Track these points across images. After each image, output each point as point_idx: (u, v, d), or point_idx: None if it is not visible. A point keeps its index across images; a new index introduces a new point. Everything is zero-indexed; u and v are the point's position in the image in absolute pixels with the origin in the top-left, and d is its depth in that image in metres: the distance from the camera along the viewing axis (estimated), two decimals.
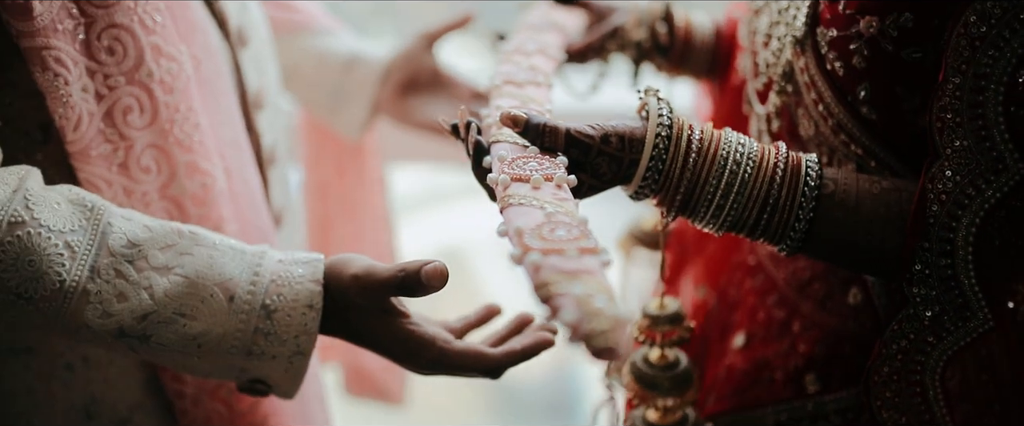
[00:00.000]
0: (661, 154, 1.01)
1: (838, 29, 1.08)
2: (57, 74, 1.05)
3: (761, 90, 1.25)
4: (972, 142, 0.96)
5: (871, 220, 1.03)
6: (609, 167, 1.01)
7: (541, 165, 0.97)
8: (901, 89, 1.05)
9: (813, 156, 1.04)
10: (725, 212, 1.03)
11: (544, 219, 0.88)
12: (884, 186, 1.05)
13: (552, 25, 1.49)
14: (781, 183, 1.02)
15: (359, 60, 1.68)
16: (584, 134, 1.01)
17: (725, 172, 1.01)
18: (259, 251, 1.06)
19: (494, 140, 1.03)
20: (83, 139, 1.09)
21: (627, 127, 1.02)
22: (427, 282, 0.99)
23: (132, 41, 1.09)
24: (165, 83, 1.12)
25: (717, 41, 1.55)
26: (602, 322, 0.74)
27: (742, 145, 1.03)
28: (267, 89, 1.37)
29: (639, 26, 1.53)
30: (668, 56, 1.55)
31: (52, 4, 1.03)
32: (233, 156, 1.24)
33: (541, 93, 1.18)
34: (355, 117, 1.69)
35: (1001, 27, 0.94)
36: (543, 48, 1.36)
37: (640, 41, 1.54)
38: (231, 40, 1.27)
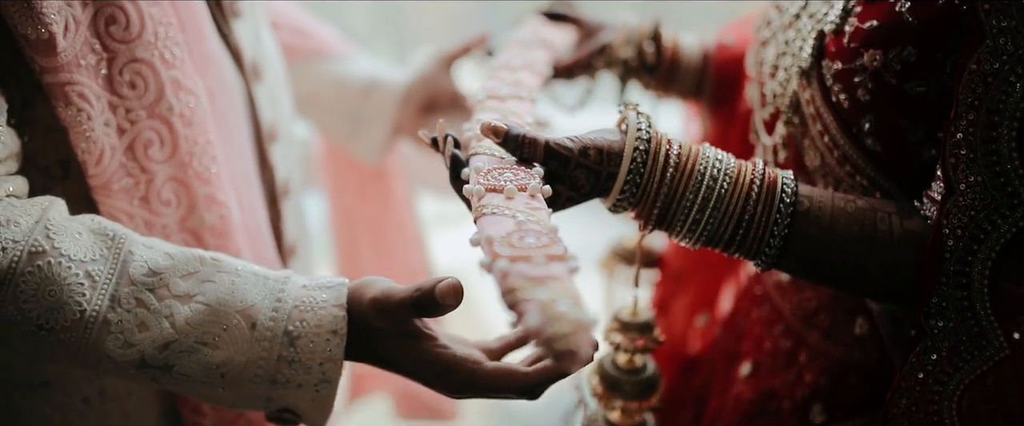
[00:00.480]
0: (639, 168, 1.02)
1: (843, 62, 1.09)
2: (80, 109, 1.06)
3: (768, 120, 1.26)
4: (986, 177, 0.97)
5: (846, 238, 1.04)
6: (587, 179, 1.02)
7: (516, 176, 0.98)
8: (905, 122, 1.07)
9: (789, 173, 1.06)
10: (701, 226, 1.04)
11: (515, 227, 0.89)
12: (859, 205, 1.06)
13: (541, 42, 1.51)
14: (757, 199, 1.03)
15: (378, 84, 1.71)
16: (563, 146, 1.02)
17: (702, 187, 1.02)
18: (283, 277, 1.04)
19: (473, 152, 1.04)
20: (105, 173, 1.10)
21: (606, 140, 1.03)
22: (442, 300, 0.97)
23: (153, 76, 1.10)
24: (185, 117, 1.13)
25: (704, 63, 1.57)
26: (564, 326, 0.75)
27: (719, 161, 1.04)
28: (281, 122, 1.38)
29: (627, 44, 1.56)
30: (654, 75, 1.57)
31: (75, 40, 1.04)
32: (244, 189, 1.25)
33: (523, 107, 1.20)
34: (374, 141, 1.71)
35: (1013, 63, 0.95)
36: (530, 64, 1.38)
37: (627, 59, 1.56)
38: (246, 73, 1.28)
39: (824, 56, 1.13)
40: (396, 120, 1.70)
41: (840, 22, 1.11)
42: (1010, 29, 0.96)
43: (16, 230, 0.99)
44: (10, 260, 0.97)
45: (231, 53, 1.26)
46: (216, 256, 1.04)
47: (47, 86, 1.05)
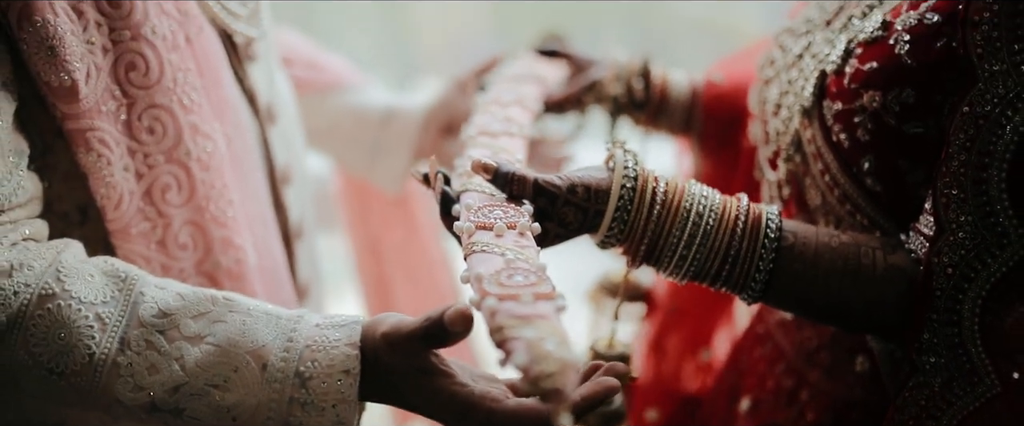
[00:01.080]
0: (626, 205, 1.04)
1: (843, 102, 1.12)
2: (100, 155, 1.08)
3: (771, 157, 1.29)
4: (977, 217, 0.99)
5: (829, 273, 1.06)
6: (575, 216, 1.05)
7: (506, 213, 1.00)
8: (904, 162, 1.09)
9: (773, 208, 1.08)
10: (688, 262, 1.06)
11: (503, 265, 0.90)
12: (843, 240, 1.08)
13: (532, 77, 1.54)
14: (742, 235, 1.05)
15: (396, 113, 1.74)
16: (551, 184, 1.04)
17: (688, 223, 1.05)
18: (296, 316, 1.02)
19: (463, 189, 1.06)
20: (124, 217, 1.11)
21: (593, 178, 1.05)
22: (451, 328, 0.92)
23: (172, 121, 1.12)
24: (202, 161, 1.15)
25: (692, 100, 1.60)
26: (551, 365, 0.76)
27: (705, 197, 1.06)
28: (294, 164, 1.40)
29: (616, 81, 1.59)
30: (644, 111, 1.60)
31: (97, 86, 1.06)
32: (261, 232, 1.26)
33: (514, 143, 1.22)
34: (395, 168, 1.74)
35: (1004, 107, 0.98)
36: (520, 99, 1.40)
37: (616, 96, 1.59)
38: (260, 117, 1.30)
39: (825, 96, 1.15)
40: (418, 145, 1.74)
41: (841, 63, 1.14)
42: (1001, 73, 0.98)
43: (29, 274, 0.99)
44: (20, 303, 0.97)
45: (246, 96, 1.28)
46: (229, 295, 1.03)
47: (68, 132, 1.07)
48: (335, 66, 1.82)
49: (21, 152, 1.04)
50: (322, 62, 1.80)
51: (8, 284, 0.98)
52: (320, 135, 1.76)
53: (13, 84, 1.03)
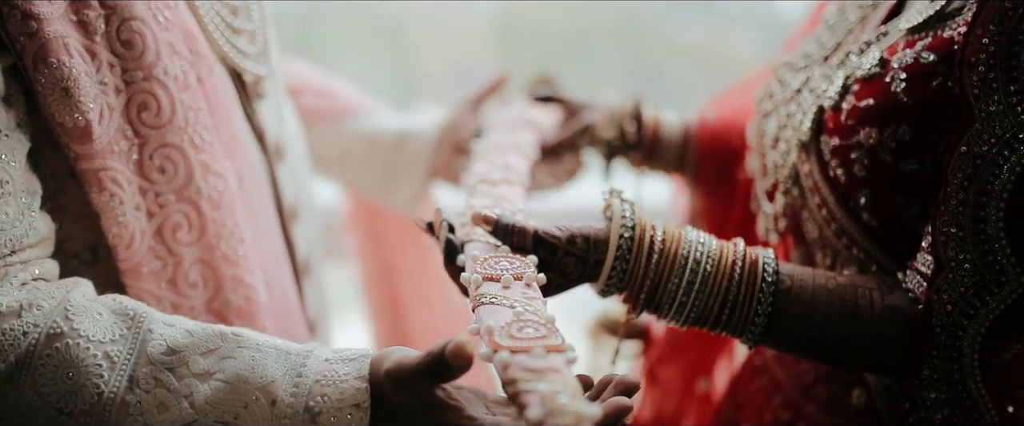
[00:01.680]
0: (625, 254, 1.07)
1: (840, 138, 1.14)
2: (113, 194, 1.08)
3: (769, 190, 1.30)
4: (975, 256, 1.01)
5: (827, 314, 1.08)
6: (575, 267, 1.07)
7: (512, 264, 1.01)
8: (900, 198, 1.11)
9: (770, 252, 1.10)
10: (688, 308, 1.08)
11: (513, 318, 0.91)
12: (840, 281, 1.10)
13: (527, 122, 1.58)
14: (740, 280, 1.07)
15: (409, 135, 1.78)
16: (551, 235, 1.06)
17: (686, 270, 1.07)
18: (305, 350, 1.01)
19: (467, 239, 1.08)
20: (135, 257, 1.12)
21: (592, 229, 1.08)
22: (453, 362, 0.90)
23: (183, 160, 1.13)
24: (213, 199, 1.16)
25: (684, 140, 1.63)
26: (566, 418, 0.77)
27: (701, 244, 1.08)
28: (302, 200, 1.41)
29: (609, 125, 1.62)
30: (637, 152, 1.64)
31: (109, 126, 1.07)
32: (272, 269, 1.27)
33: (513, 191, 1.25)
34: (410, 190, 1.77)
35: (1001, 147, 1.00)
36: (518, 145, 1.44)
37: (610, 139, 1.62)
38: (269, 154, 1.31)
39: (823, 131, 1.17)
40: (431, 165, 1.77)
41: (838, 99, 1.15)
42: (998, 114, 1.00)
43: (38, 314, 0.99)
44: (29, 343, 0.97)
45: (255, 134, 1.29)
46: (238, 331, 1.03)
47: (81, 172, 1.08)
48: (345, 93, 1.85)
49: (34, 193, 1.05)
50: (332, 90, 1.83)
51: (17, 324, 0.98)
52: (334, 162, 1.79)
53: (27, 125, 1.04)
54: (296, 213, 1.38)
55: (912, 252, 1.12)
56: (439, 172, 1.78)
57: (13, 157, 1.01)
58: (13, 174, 1.01)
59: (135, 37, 1.07)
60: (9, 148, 1.01)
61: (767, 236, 1.33)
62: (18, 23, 0.99)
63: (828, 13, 1.34)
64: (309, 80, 1.81)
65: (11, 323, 0.98)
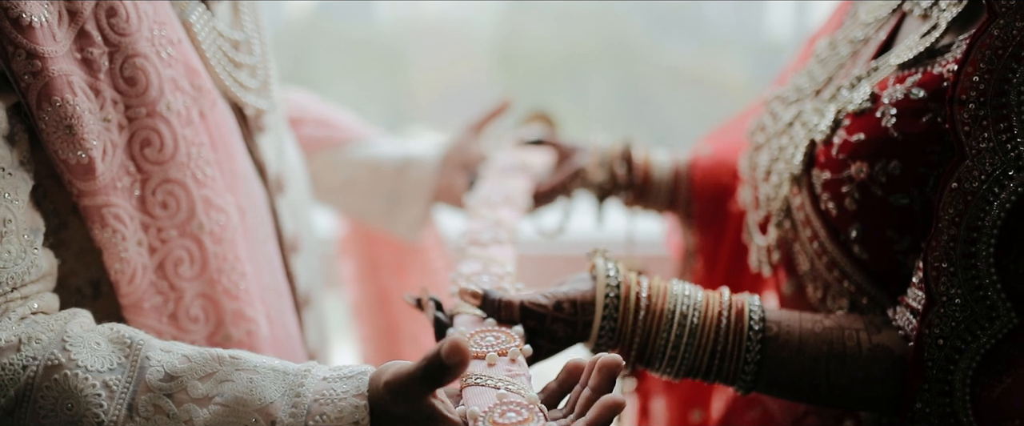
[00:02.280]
0: (612, 314, 1.09)
1: (832, 172, 1.15)
2: (116, 230, 1.09)
3: (761, 222, 1.32)
4: (966, 291, 1.03)
5: (816, 358, 1.10)
6: (565, 331, 1.09)
7: (497, 339, 1.03)
8: (891, 232, 1.13)
9: (755, 299, 1.12)
10: (678, 361, 1.10)
11: (496, 401, 0.93)
12: (826, 324, 1.12)
13: (520, 167, 1.61)
14: (727, 330, 1.09)
15: (411, 161, 1.79)
16: (537, 304, 1.08)
17: (673, 324, 1.09)
18: (303, 370, 1.01)
19: (456, 312, 1.10)
20: (137, 292, 1.13)
21: (578, 292, 1.10)
22: (449, 361, 0.90)
23: (185, 195, 1.13)
24: (214, 234, 1.16)
25: (674, 179, 1.66)
26: None
27: (687, 296, 1.10)
28: (302, 233, 1.42)
29: (600, 168, 1.65)
30: (629, 192, 1.66)
31: (112, 163, 1.08)
32: (273, 302, 1.28)
33: (503, 251, 1.27)
34: (413, 216, 1.79)
35: (991, 184, 1.01)
36: (509, 197, 1.47)
37: (601, 183, 1.65)
38: (269, 187, 1.32)
39: (814, 165, 1.19)
40: (434, 190, 1.78)
41: (830, 133, 1.17)
42: (988, 151, 1.02)
43: (36, 347, 0.99)
44: (28, 376, 0.97)
45: (256, 167, 1.29)
46: (236, 354, 1.02)
47: (83, 209, 1.08)
48: (346, 121, 1.87)
49: (36, 230, 1.05)
50: (333, 118, 1.84)
51: (17, 358, 0.98)
52: (336, 191, 1.80)
53: (30, 163, 1.05)
54: (296, 246, 1.39)
55: (903, 285, 1.13)
56: (442, 196, 1.80)
57: (16, 195, 1.01)
58: (16, 212, 1.01)
59: (138, 74, 1.08)
60: (12, 186, 1.01)
61: (759, 268, 1.34)
62: (23, 62, 0.99)
63: (819, 47, 1.36)
64: (310, 109, 1.82)
65: (10, 358, 0.98)
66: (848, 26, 1.35)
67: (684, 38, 3.39)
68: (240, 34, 1.26)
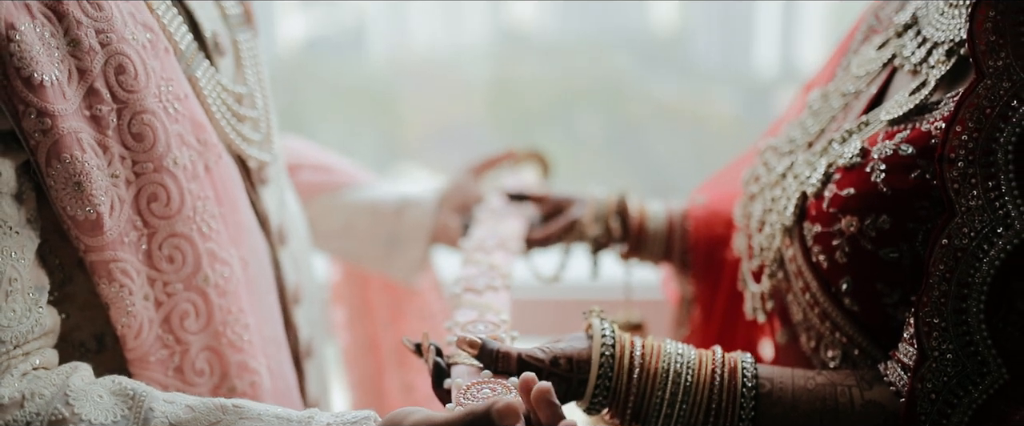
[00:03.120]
0: (607, 372, 1.10)
1: (822, 225, 1.17)
2: (123, 285, 1.10)
3: (755, 271, 1.34)
4: (957, 346, 1.04)
5: (809, 414, 1.11)
6: (560, 387, 1.10)
7: (494, 391, 1.04)
8: (881, 285, 1.14)
9: (748, 357, 1.13)
10: (673, 420, 1.11)
11: None
12: (819, 381, 1.13)
13: (513, 209, 1.63)
14: (721, 388, 1.11)
15: (409, 202, 1.81)
16: (534, 358, 1.10)
17: (668, 383, 1.10)
18: (306, 417, 1.02)
19: (453, 362, 1.11)
20: (143, 346, 1.13)
21: (574, 349, 1.11)
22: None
23: (191, 249, 1.14)
24: (219, 287, 1.17)
25: (669, 230, 1.67)
26: None
27: (680, 355, 1.12)
28: (304, 284, 1.43)
29: (594, 222, 1.67)
30: (624, 244, 1.68)
31: (120, 218, 1.08)
32: (274, 354, 1.29)
33: (498, 298, 1.28)
34: (412, 258, 1.80)
35: (981, 241, 1.03)
36: (503, 241, 1.48)
37: (597, 237, 1.66)
38: (272, 238, 1.33)
39: (806, 217, 1.20)
40: (433, 231, 1.80)
41: (820, 186, 1.19)
42: (977, 208, 1.03)
43: (40, 402, 1.00)
44: None
45: (259, 219, 1.30)
46: (239, 403, 1.04)
47: (90, 264, 1.09)
48: (343, 166, 1.88)
49: (41, 288, 1.06)
50: (331, 164, 1.86)
51: (20, 415, 0.99)
52: (334, 235, 1.82)
53: (37, 221, 1.05)
54: (298, 297, 1.40)
55: (894, 337, 1.15)
56: (439, 236, 1.81)
57: (23, 254, 1.02)
58: (22, 271, 1.02)
59: (146, 130, 1.09)
60: (19, 245, 1.02)
61: (754, 315, 1.36)
62: (33, 120, 1.00)
63: (812, 98, 1.38)
64: (307, 155, 1.84)
65: (14, 414, 0.99)
66: (840, 78, 1.37)
67: (672, 75, 3.43)
68: (243, 88, 1.28)
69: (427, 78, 3.24)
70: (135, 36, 1.09)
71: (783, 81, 3.28)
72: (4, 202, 1.01)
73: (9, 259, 1.01)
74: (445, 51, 3.26)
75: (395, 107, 3.37)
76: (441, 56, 3.25)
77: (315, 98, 3.29)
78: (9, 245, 1.01)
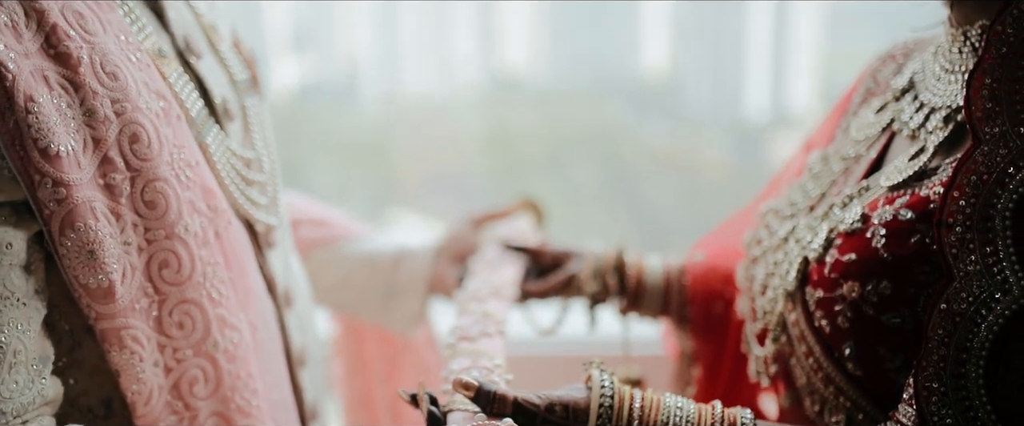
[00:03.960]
0: (605, 423, 1.10)
1: (825, 290, 1.18)
2: (133, 352, 1.10)
3: (759, 334, 1.35)
4: (956, 411, 1.05)
5: None
6: None
7: None
8: (884, 350, 1.15)
9: (747, 413, 1.12)
10: None
11: None
12: None
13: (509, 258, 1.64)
14: None
15: (406, 253, 1.82)
16: (530, 403, 1.09)
17: None
18: None
19: (448, 409, 1.12)
20: (152, 413, 1.13)
21: (571, 397, 1.11)
22: None
23: (201, 315, 1.15)
24: (228, 352, 1.18)
25: (666, 285, 1.68)
26: None
27: (680, 408, 1.11)
28: (310, 346, 1.43)
29: (593, 279, 1.68)
30: (622, 299, 1.69)
31: (131, 285, 1.09)
32: (283, 418, 1.29)
33: (492, 344, 1.28)
34: (409, 310, 1.80)
35: (980, 306, 1.04)
36: (497, 289, 1.49)
37: (594, 292, 1.67)
38: (278, 301, 1.34)
39: (808, 282, 1.21)
40: (430, 281, 1.80)
41: (822, 252, 1.20)
42: (975, 274, 1.04)
43: None
44: None
45: (266, 282, 1.31)
46: None
47: (101, 332, 1.09)
48: (340, 219, 1.89)
49: (46, 358, 1.06)
50: (328, 217, 1.87)
51: None
52: (333, 289, 1.82)
53: (44, 291, 1.06)
54: (304, 359, 1.40)
55: (897, 402, 1.14)
56: (436, 286, 1.81)
57: (29, 326, 1.03)
58: (27, 343, 1.02)
59: (158, 197, 1.09)
60: (25, 317, 1.02)
61: (758, 378, 1.36)
62: (48, 190, 1.01)
63: (813, 161, 1.40)
64: (305, 211, 1.85)
65: None
66: (840, 141, 1.39)
67: (664, 121, 3.45)
68: (251, 152, 1.29)
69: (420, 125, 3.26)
70: (149, 105, 1.10)
71: (774, 126, 3.31)
72: (13, 274, 1.01)
73: (15, 331, 1.01)
74: (438, 98, 3.28)
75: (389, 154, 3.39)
76: (434, 103, 3.27)
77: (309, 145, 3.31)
78: (15, 316, 1.01)
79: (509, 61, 3.31)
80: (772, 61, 3.21)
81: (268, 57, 3.10)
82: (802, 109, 3.22)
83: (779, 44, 3.19)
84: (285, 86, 3.24)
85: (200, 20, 1.29)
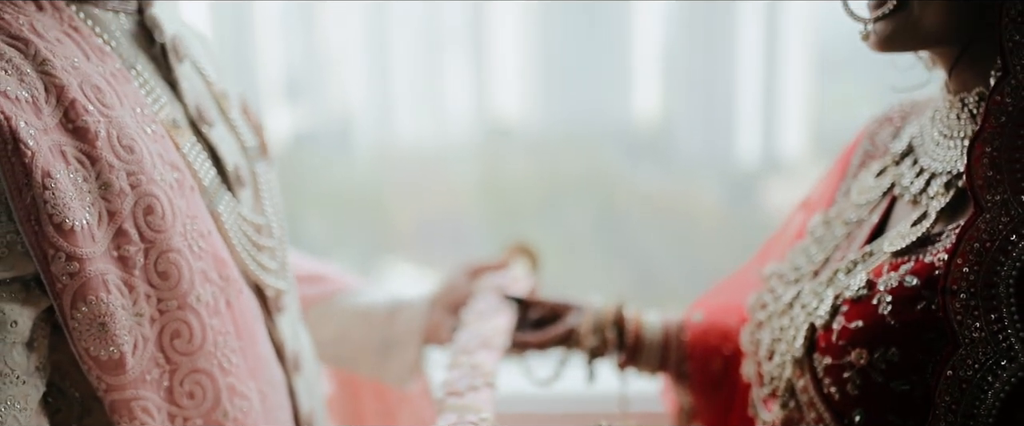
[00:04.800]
0: None
1: (833, 357, 1.19)
2: (144, 423, 1.09)
3: (766, 398, 1.35)
4: None
5: None
6: None
7: None
8: (893, 417, 1.15)
9: None
10: None
11: None
12: None
13: (500, 307, 1.64)
14: None
15: (401, 304, 1.81)
16: None
17: None
18: None
19: None
20: None
21: None
22: None
23: (211, 384, 1.15)
24: (238, 421, 1.17)
25: (665, 341, 1.69)
26: None
27: None
28: (317, 410, 1.43)
29: (592, 333, 1.68)
30: (621, 353, 1.69)
31: (143, 357, 1.08)
32: None
33: (479, 398, 1.28)
34: (405, 362, 1.79)
35: (986, 372, 1.05)
36: (486, 340, 1.49)
37: (594, 347, 1.68)
38: (287, 366, 1.34)
39: (815, 349, 1.22)
40: (425, 332, 1.79)
41: (829, 319, 1.20)
42: (981, 340, 1.05)
43: None
44: None
45: (275, 348, 1.31)
46: None
47: (110, 403, 1.08)
48: (334, 274, 1.89)
49: None
50: (323, 273, 1.87)
51: None
52: (329, 344, 1.80)
53: (45, 368, 1.05)
54: (312, 423, 1.40)
55: None
56: (431, 337, 1.81)
57: (26, 404, 1.02)
58: (24, 422, 1.01)
59: (172, 268, 1.09)
60: (24, 395, 1.02)
61: None
62: (62, 265, 1.01)
63: (814, 225, 1.41)
64: (301, 267, 1.84)
65: None
66: (841, 205, 1.40)
67: (656, 167, 3.47)
68: (262, 218, 1.29)
69: (414, 174, 3.26)
70: (163, 176, 1.10)
71: (766, 171, 3.33)
72: (15, 351, 1.01)
73: (12, 409, 1.00)
74: (431, 147, 3.29)
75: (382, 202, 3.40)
76: (427, 152, 3.28)
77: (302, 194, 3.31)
78: (14, 394, 1.01)
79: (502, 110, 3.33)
80: (763, 107, 3.22)
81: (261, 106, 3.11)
82: (794, 154, 3.24)
83: (770, 91, 3.21)
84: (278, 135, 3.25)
85: (211, 88, 1.30)
